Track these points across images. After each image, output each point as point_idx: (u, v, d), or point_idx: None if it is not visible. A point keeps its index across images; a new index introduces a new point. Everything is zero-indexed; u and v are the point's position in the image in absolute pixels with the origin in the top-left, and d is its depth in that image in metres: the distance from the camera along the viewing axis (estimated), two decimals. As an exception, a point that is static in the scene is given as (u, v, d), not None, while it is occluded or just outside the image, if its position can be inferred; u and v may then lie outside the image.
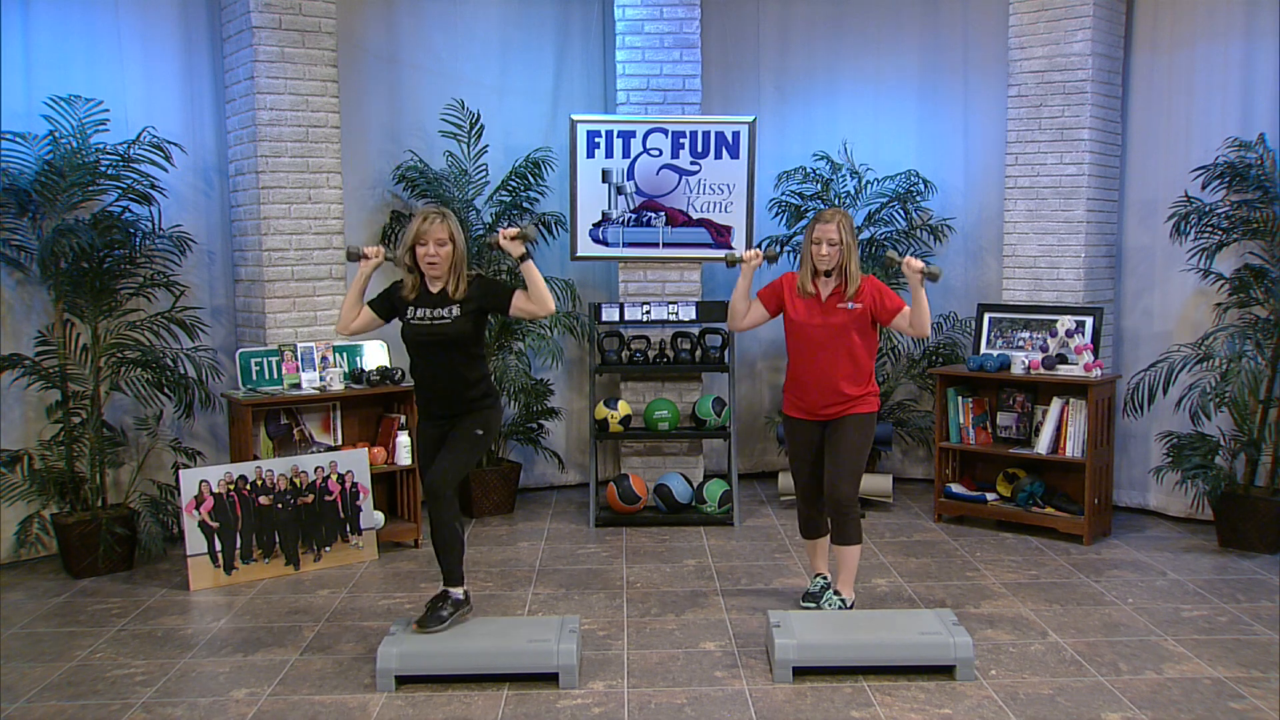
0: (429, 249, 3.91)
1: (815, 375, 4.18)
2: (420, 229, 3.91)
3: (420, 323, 3.98)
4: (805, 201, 6.55)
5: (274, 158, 5.40)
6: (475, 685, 3.72)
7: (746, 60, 6.93)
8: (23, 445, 5.19)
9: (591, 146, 6.08)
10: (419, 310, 3.99)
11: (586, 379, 6.41)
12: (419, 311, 3.99)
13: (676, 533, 5.73)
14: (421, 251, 3.92)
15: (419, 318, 3.98)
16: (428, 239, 3.90)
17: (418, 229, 3.92)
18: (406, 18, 6.25)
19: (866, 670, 3.77)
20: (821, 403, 4.19)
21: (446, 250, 3.92)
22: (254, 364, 5.32)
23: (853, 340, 4.15)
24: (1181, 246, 5.61)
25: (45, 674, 3.88)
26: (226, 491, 4.91)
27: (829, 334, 4.14)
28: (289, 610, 4.55)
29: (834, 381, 4.15)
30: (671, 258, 6.21)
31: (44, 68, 5.21)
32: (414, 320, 3.99)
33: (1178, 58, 5.83)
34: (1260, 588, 4.74)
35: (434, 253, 3.91)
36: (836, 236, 4.09)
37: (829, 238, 4.09)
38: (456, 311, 3.96)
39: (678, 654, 4.01)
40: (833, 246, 4.09)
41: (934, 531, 5.73)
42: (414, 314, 4.00)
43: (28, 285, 5.23)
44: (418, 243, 3.92)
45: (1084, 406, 5.41)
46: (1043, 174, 5.88)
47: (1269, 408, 5.35)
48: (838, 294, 4.16)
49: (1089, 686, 3.68)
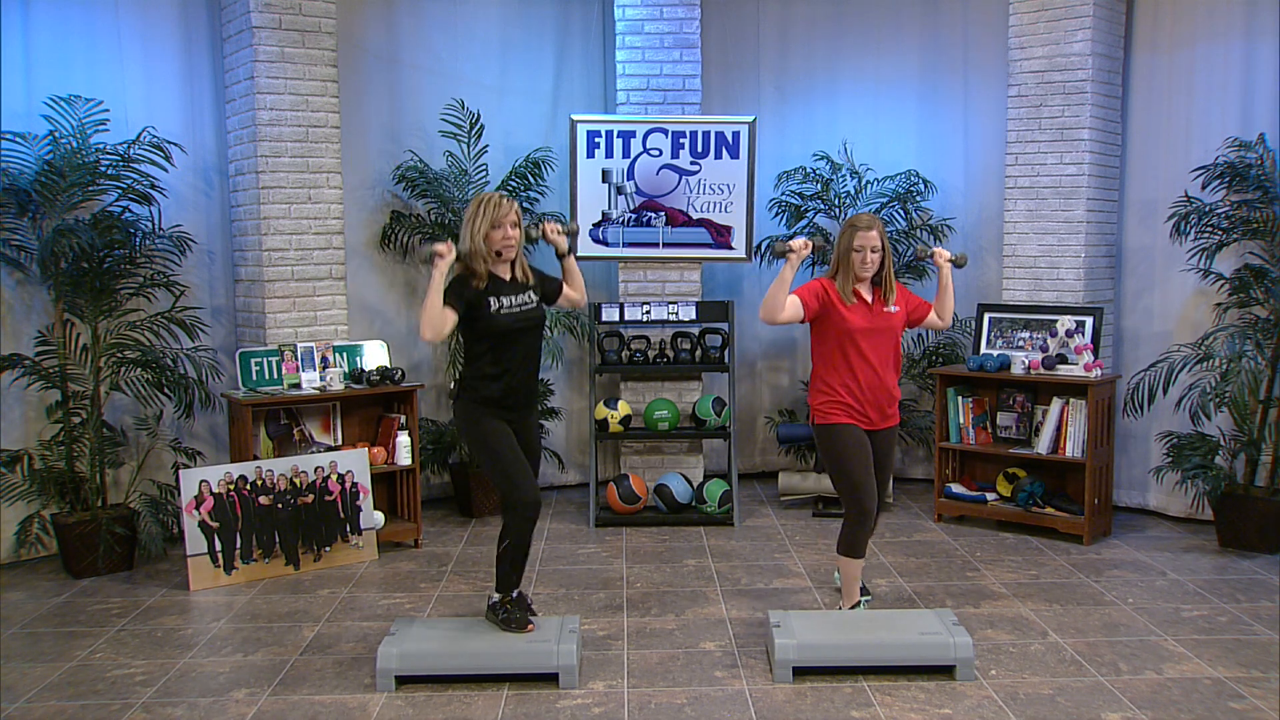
0: (505, 231, 3.81)
1: (874, 380, 4.11)
2: (495, 215, 3.80)
3: (510, 311, 3.84)
4: (805, 201, 6.55)
5: (274, 158, 5.40)
6: (475, 685, 3.72)
7: (746, 60, 6.93)
8: (23, 445, 5.19)
9: (591, 146, 6.08)
10: (502, 299, 3.84)
11: (586, 379, 6.41)
12: (503, 300, 3.84)
13: (676, 533, 5.73)
14: (498, 235, 3.81)
15: (507, 307, 3.84)
16: (503, 221, 3.80)
17: (493, 214, 3.79)
18: (406, 18, 6.25)
19: (866, 670, 3.77)
20: (880, 407, 4.15)
21: (517, 232, 3.86)
22: (254, 364, 5.31)
23: (898, 342, 4.20)
24: (1181, 246, 5.61)
25: (45, 674, 3.88)
26: (226, 491, 4.91)
27: (885, 339, 4.13)
28: (289, 610, 4.55)
29: (888, 385, 4.15)
30: (671, 258, 6.21)
31: (44, 68, 5.21)
32: (502, 311, 3.83)
33: (1178, 58, 5.83)
34: (1260, 588, 4.74)
35: (510, 235, 3.82)
36: (879, 243, 4.07)
37: (872, 245, 4.05)
38: (536, 296, 3.92)
39: (678, 654, 4.01)
40: (875, 253, 4.06)
41: (934, 531, 5.73)
42: (498, 304, 3.83)
43: (28, 285, 5.23)
44: (493, 226, 3.80)
45: (1084, 406, 5.41)
46: (1043, 174, 5.88)
47: (1269, 408, 5.35)
48: (879, 298, 4.15)
49: (1089, 686, 3.68)
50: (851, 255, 4.07)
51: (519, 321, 3.85)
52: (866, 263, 4.06)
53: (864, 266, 4.07)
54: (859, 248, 4.05)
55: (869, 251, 4.05)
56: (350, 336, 5.79)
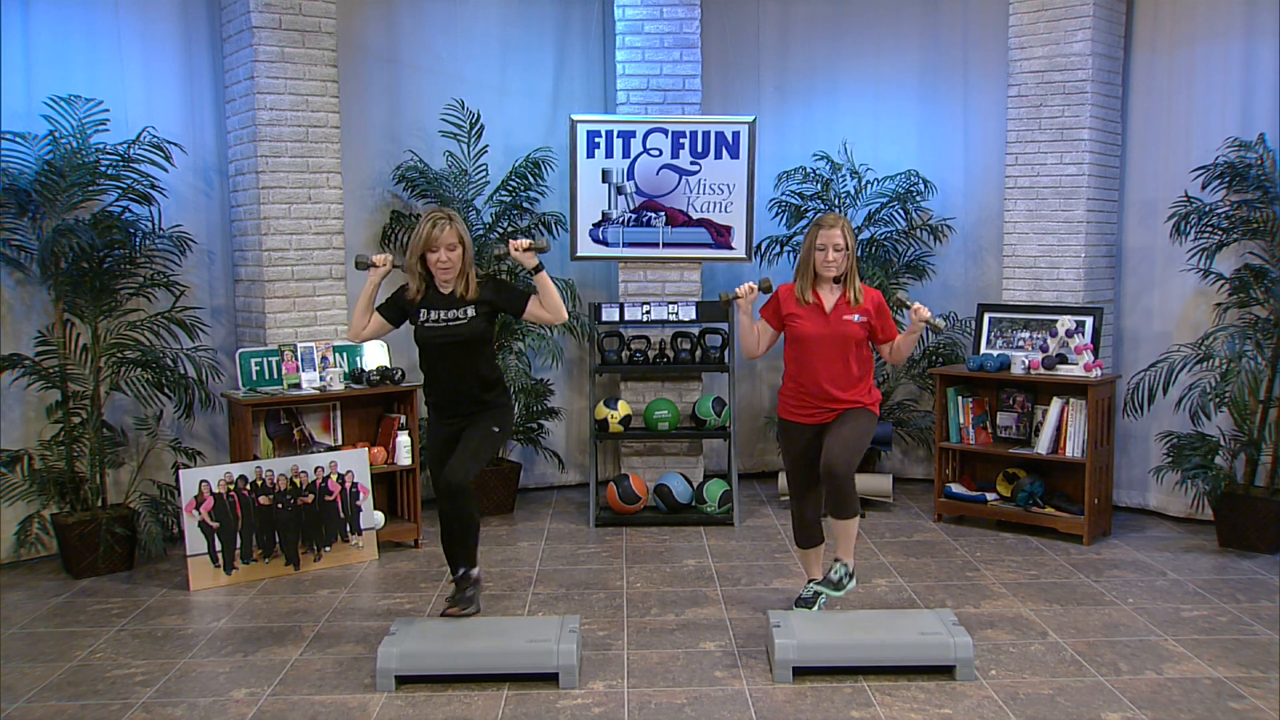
0: (440, 255, 3.89)
1: (816, 384, 4.05)
2: (430, 235, 3.88)
3: (435, 325, 3.96)
4: (805, 201, 6.55)
5: (274, 158, 5.40)
6: (475, 685, 3.72)
7: (746, 60, 6.93)
8: (23, 445, 5.18)
9: (591, 146, 6.08)
10: (432, 312, 3.97)
11: (586, 379, 6.41)
12: (432, 314, 3.97)
13: (676, 533, 5.73)
14: (433, 258, 3.91)
15: (433, 320, 3.97)
16: (438, 245, 3.88)
17: (427, 235, 3.88)
18: (406, 18, 6.25)
19: (866, 670, 3.77)
20: (821, 409, 4.09)
21: (457, 254, 3.91)
22: (254, 364, 5.31)
23: (856, 350, 4.06)
24: (1181, 246, 5.61)
25: (45, 674, 3.88)
26: (226, 491, 4.91)
27: (835, 344, 4.03)
28: (289, 610, 4.55)
29: (834, 390, 4.04)
30: (671, 258, 6.21)
31: (44, 68, 5.21)
32: (428, 323, 3.98)
33: (1178, 58, 5.83)
34: (1260, 588, 4.74)
35: (445, 259, 3.90)
36: (842, 242, 4.00)
37: (834, 243, 3.99)
38: (471, 312, 3.96)
39: (678, 654, 4.01)
40: (839, 252, 4.00)
41: (934, 531, 5.73)
42: (427, 316, 3.98)
43: (28, 285, 5.23)
44: (428, 249, 3.90)
45: (1084, 406, 5.41)
46: (1043, 174, 5.88)
47: (1269, 408, 5.35)
48: (843, 302, 4.06)
49: (1089, 686, 3.68)
50: (814, 254, 4.03)
51: (441, 336, 3.95)
52: (829, 260, 4.01)
53: (826, 265, 4.02)
54: (821, 245, 4.01)
55: (831, 250, 3.99)
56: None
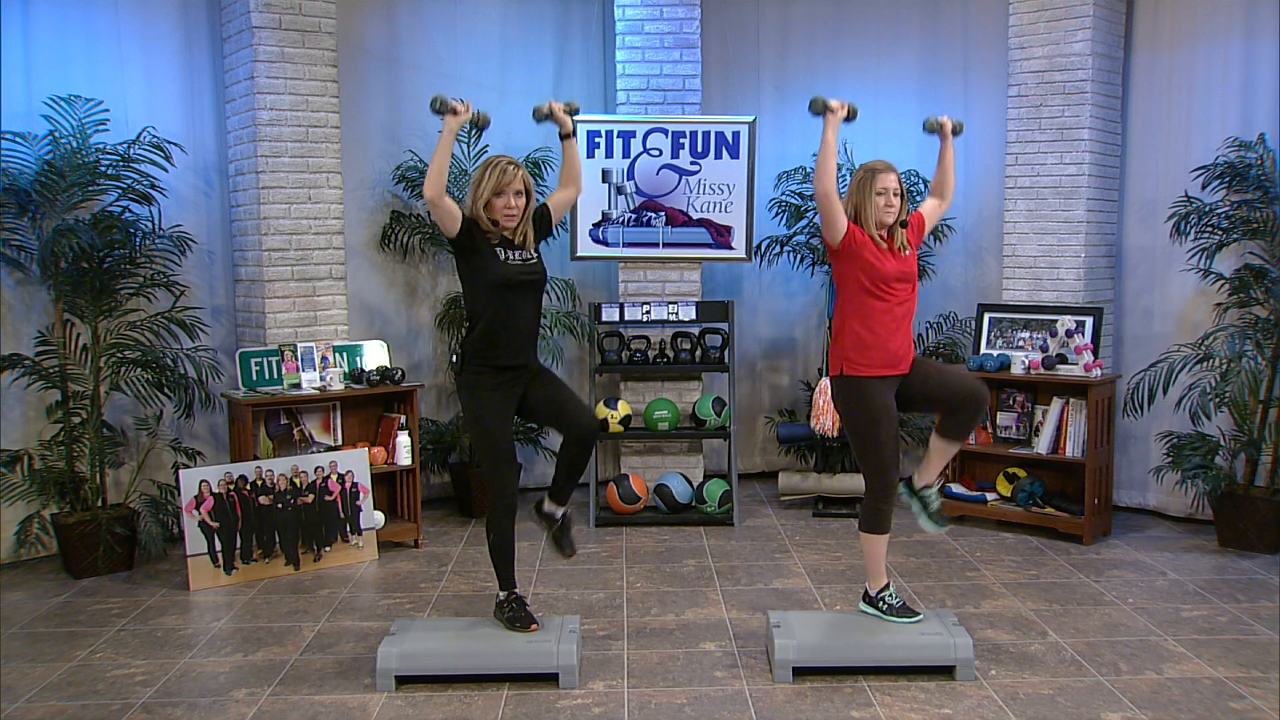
0: (508, 199, 3.74)
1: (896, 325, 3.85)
2: (500, 181, 3.72)
3: (514, 264, 3.78)
4: (805, 201, 6.54)
5: (274, 158, 5.40)
6: (475, 685, 3.72)
7: (746, 60, 6.93)
8: (23, 445, 5.19)
9: (591, 146, 6.08)
10: (508, 251, 3.79)
11: (586, 379, 6.41)
12: (509, 253, 3.79)
13: (676, 533, 5.73)
14: (500, 203, 3.74)
15: (510, 259, 3.78)
16: (507, 189, 3.74)
17: (497, 180, 3.72)
18: (406, 18, 6.25)
19: (866, 670, 3.77)
20: (902, 352, 3.88)
21: (523, 201, 3.78)
22: (254, 364, 5.31)
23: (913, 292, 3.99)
24: (1181, 246, 5.61)
25: (45, 674, 3.88)
26: (226, 491, 4.91)
27: (910, 285, 3.91)
28: (289, 610, 4.55)
29: (908, 329, 3.91)
30: (671, 258, 6.21)
31: (44, 68, 5.21)
32: (508, 261, 3.77)
33: (1178, 58, 5.83)
34: (1260, 588, 4.74)
35: (513, 204, 3.75)
36: (899, 186, 3.87)
37: (893, 187, 3.84)
38: (536, 254, 3.87)
39: (678, 654, 4.01)
40: (897, 196, 3.85)
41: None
42: (507, 255, 3.78)
43: (28, 285, 5.23)
44: (496, 193, 3.74)
45: (1084, 406, 5.41)
46: (1043, 174, 5.88)
47: (1269, 408, 5.35)
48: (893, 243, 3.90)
49: (1089, 686, 3.68)
50: (874, 199, 3.83)
51: (522, 275, 3.79)
52: (892, 205, 3.84)
53: (888, 210, 3.84)
54: (881, 190, 3.83)
55: (891, 194, 3.84)
56: (350, 336, 5.79)
